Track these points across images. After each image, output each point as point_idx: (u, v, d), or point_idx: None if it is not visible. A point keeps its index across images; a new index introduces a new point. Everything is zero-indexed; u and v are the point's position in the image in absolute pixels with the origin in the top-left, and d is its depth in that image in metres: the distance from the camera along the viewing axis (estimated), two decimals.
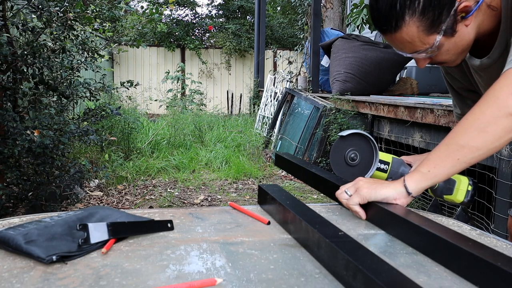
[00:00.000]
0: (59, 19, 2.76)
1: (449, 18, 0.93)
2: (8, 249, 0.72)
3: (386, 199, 0.90)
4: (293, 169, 1.26)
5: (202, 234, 0.84)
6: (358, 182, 0.94)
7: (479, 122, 0.85)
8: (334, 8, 7.94)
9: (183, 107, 7.56)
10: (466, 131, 0.87)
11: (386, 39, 1.02)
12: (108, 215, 0.86)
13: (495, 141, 0.84)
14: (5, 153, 2.57)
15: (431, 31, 0.94)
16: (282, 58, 9.65)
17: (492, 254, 0.65)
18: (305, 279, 0.65)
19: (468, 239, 0.71)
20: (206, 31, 12.04)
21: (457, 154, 0.87)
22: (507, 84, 0.84)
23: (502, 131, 0.84)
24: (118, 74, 10.57)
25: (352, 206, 0.93)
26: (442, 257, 0.72)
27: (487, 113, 0.84)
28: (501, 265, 0.60)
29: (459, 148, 0.87)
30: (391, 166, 1.13)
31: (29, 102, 2.84)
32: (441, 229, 0.76)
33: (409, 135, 3.30)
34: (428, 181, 0.91)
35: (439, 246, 0.72)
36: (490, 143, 0.85)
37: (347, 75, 4.77)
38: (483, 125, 0.84)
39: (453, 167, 0.88)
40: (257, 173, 4.65)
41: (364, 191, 0.91)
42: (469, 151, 0.86)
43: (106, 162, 4.38)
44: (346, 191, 0.95)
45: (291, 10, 12.89)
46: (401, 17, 0.94)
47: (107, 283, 0.62)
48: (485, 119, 0.84)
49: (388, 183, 0.94)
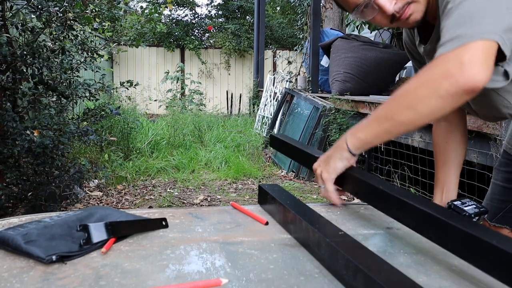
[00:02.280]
0: (59, 19, 2.76)
1: None
2: (8, 249, 0.72)
3: (340, 169, 1.00)
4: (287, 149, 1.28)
5: (201, 234, 0.84)
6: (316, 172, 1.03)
7: (410, 99, 0.89)
8: (333, 8, 7.94)
9: (182, 107, 7.56)
10: (397, 107, 0.92)
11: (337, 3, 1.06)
12: (107, 215, 0.87)
13: (422, 119, 0.89)
14: (4, 153, 2.57)
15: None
16: (282, 58, 9.66)
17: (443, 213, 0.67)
18: (304, 279, 0.65)
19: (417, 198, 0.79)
20: (205, 31, 12.03)
21: (387, 126, 0.93)
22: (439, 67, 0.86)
23: (429, 111, 0.87)
24: (117, 74, 10.56)
25: (325, 195, 1.02)
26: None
27: (418, 92, 0.88)
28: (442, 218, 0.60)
29: (390, 121, 0.93)
30: None
31: (28, 102, 2.84)
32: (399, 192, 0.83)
33: (409, 135, 3.30)
34: (365, 146, 0.99)
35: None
36: (417, 120, 0.89)
37: (347, 75, 4.77)
38: (414, 102, 0.88)
39: (384, 136, 0.95)
40: (256, 173, 4.65)
41: (325, 176, 1.00)
42: (398, 125, 0.92)
43: (106, 162, 4.38)
44: (320, 186, 1.03)
45: (291, 10, 12.89)
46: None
47: (107, 283, 0.62)
48: (416, 97, 0.88)
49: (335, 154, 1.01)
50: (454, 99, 0.85)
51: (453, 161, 1.26)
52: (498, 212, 1.29)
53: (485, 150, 2.56)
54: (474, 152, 2.64)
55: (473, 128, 2.51)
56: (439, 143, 1.29)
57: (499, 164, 1.32)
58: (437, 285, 0.64)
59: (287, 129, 5.43)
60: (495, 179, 1.33)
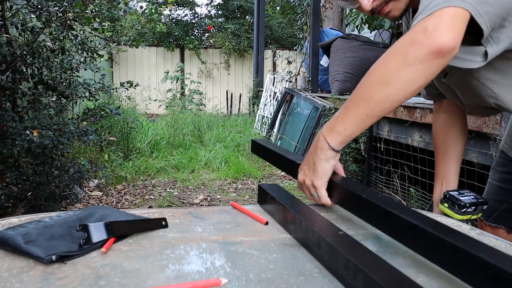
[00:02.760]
0: (58, 19, 2.76)
1: None
2: (8, 249, 0.72)
3: (329, 170, 0.93)
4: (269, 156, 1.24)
5: (201, 233, 0.84)
6: (301, 182, 0.98)
7: (381, 76, 0.86)
8: (333, 8, 7.94)
9: (182, 107, 7.56)
10: (370, 85, 0.87)
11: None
12: (107, 215, 0.86)
13: (399, 93, 0.85)
14: (4, 153, 2.56)
15: None
16: (282, 58, 9.65)
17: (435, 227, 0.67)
18: (304, 279, 0.65)
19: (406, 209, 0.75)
20: (205, 31, 12.03)
21: (365, 109, 0.88)
22: (407, 37, 0.84)
23: (403, 82, 0.84)
24: (117, 74, 10.56)
25: (318, 200, 0.96)
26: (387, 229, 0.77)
27: (388, 65, 0.85)
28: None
29: (365, 104, 0.87)
30: None
31: (28, 102, 2.84)
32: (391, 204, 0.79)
33: (409, 135, 3.30)
34: (346, 138, 0.92)
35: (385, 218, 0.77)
36: (394, 94, 0.85)
37: (346, 75, 4.77)
38: (385, 78, 0.85)
39: (364, 121, 0.89)
40: (256, 173, 4.65)
41: (318, 183, 0.94)
42: (375, 105, 0.87)
43: (106, 162, 4.38)
44: (312, 194, 0.97)
45: (291, 10, 12.89)
46: None
47: (107, 283, 0.62)
48: (387, 71, 0.85)
49: (318, 156, 0.94)
50: (424, 65, 0.82)
51: (453, 153, 1.25)
52: (494, 212, 1.28)
53: (485, 150, 2.56)
54: (474, 152, 2.64)
55: (472, 128, 2.51)
56: (439, 134, 1.28)
57: (496, 164, 1.32)
58: (436, 285, 0.64)
59: (287, 129, 5.43)
60: (491, 179, 1.32)
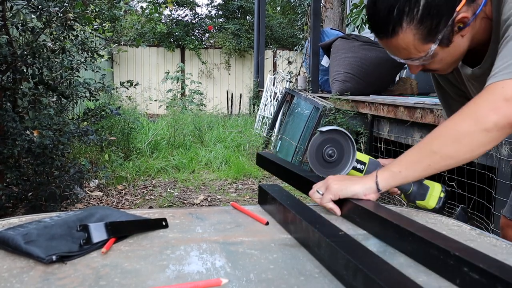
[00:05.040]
0: (59, 19, 2.76)
1: (447, 28, 0.93)
2: (8, 249, 0.72)
3: (357, 195, 0.92)
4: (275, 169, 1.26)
5: (202, 234, 0.84)
6: (328, 180, 0.96)
7: (455, 132, 0.86)
8: (333, 8, 7.94)
9: (182, 107, 7.56)
10: (441, 138, 0.88)
11: (381, 43, 1.02)
12: (108, 215, 0.87)
13: (467, 153, 0.86)
14: (4, 153, 2.57)
15: (427, 40, 0.94)
16: (282, 58, 9.66)
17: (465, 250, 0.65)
18: (305, 279, 0.65)
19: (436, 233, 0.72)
20: (205, 31, 12.03)
21: (428, 160, 0.88)
22: (488, 100, 0.84)
23: (475, 145, 0.85)
24: (117, 74, 10.57)
25: (325, 204, 0.94)
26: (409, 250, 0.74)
27: (464, 125, 0.85)
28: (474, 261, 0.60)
29: (431, 154, 0.88)
30: (367, 166, 1.13)
31: (28, 102, 2.84)
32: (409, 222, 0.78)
33: (409, 135, 3.30)
34: (398, 181, 0.92)
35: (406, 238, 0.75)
36: (462, 153, 0.86)
37: (347, 75, 4.77)
38: (459, 135, 0.85)
39: (423, 171, 0.90)
40: (256, 173, 4.65)
41: (335, 187, 0.93)
42: (441, 159, 0.87)
43: (106, 162, 4.38)
44: (317, 190, 0.96)
45: (291, 10, 12.89)
46: (399, 24, 0.93)
47: (107, 283, 0.62)
48: (462, 130, 0.85)
49: (358, 179, 0.95)
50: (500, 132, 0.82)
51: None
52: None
53: None
54: None
55: None
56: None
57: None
58: (437, 285, 0.64)
59: (287, 129, 5.43)
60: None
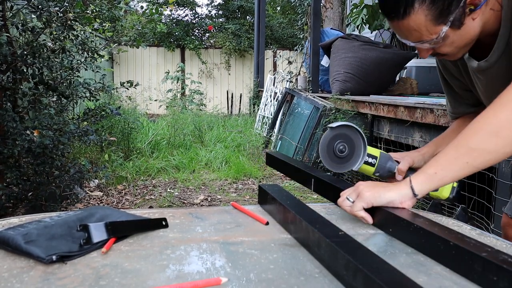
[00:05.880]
0: (59, 19, 2.76)
1: (458, 10, 0.92)
2: (8, 249, 0.72)
3: (392, 203, 0.87)
4: (286, 168, 1.26)
5: (202, 234, 0.84)
6: (359, 187, 0.91)
7: (492, 126, 0.83)
8: (334, 8, 7.94)
9: (183, 107, 7.56)
10: (477, 133, 0.84)
11: (392, 26, 1.00)
12: (108, 215, 0.87)
13: (506, 146, 0.82)
14: (5, 153, 2.57)
15: (439, 21, 0.93)
16: (282, 58, 9.65)
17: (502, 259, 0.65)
18: (305, 279, 0.65)
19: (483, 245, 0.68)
20: (206, 31, 12.03)
21: (466, 157, 0.84)
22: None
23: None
24: (118, 74, 10.57)
25: (356, 212, 0.89)
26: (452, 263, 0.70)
27: (501, 116, 0.82)
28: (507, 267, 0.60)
29: (469, 151, 0.84)
30: (379, 160, 1.12)
31: (28, 102, 2.84)
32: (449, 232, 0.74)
33: (409, 135, 3.30)
34: (435, 183, 0.87)
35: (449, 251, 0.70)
36: (501, 147, 0.82)
37: (347, 75, 4.76)
38: (496, 128, 0.82)
39: (461, 170, 0.85)
40: (257, 173, 4.65)
41: (367, 195, 0.88)
42: (479, 155, 0.83)
43: (106, 162, 4.38)
44: (348, 197, 0.91)
45: (291, 10, 12.89)
46: (411, 4, 0.92)
47: (107, 283, 0.62)
48: (499, 122, 0.82)
49: (391, 185, 0.90)
50: None
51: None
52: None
53: None
54: None
55: None
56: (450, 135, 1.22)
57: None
58: (437, 285, 0.64)
59: (287, 129, 5.43)
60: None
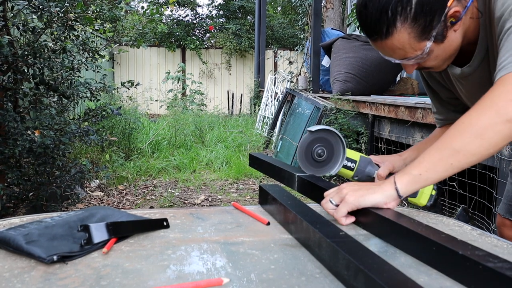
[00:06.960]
0: (60, 20, 2.76)
1: (440, 24, 0.92)
2: (9, 249, 0.72)
3: (377, 204, 0.87)
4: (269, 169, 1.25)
5: (202, 234, 0.84)
6: (343, 190, 0.89)
7: (476, 127, 0.83)
8: (334, 8, 7.94)
9: (183, 107, 7.57)
10: (462, 135, 0.84)
11: (375, 46, 0.99)
12: (109, 215, 0.87)
13: (490, 148, 0.83)
14: (5, 153, 2.57)
15: (422, 37, 0.93)
16: (283, 58, 9.65)
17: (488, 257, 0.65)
18: (305, 279, 0.65)
19: (463, 243, 0.69)
20: (206, 31, 12.04)
21: (450, 159, 0.85)
22: (505, 91, 0.83)
23: (499, 138, 0.82)
24: (118, 74, 10.58)
25: (339, 218, 0.88)
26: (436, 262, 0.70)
27: (484, 118, 0.82)
28: (495, 267, 0.60)
29: (453, 153, 0.84)
30: (358, 164, 1.11)
31: (29, 103, 2.84)
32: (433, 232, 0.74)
33: (410, 135, 3.30)
34: (419, 184, 0.88)
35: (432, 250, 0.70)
36: (485, 149, 0.83)
37: (348, 75, 4.76)
38: (480, 130, 0.82)
39: (445, 171, 0.86)
40: (257, 173, 4.65)
41: (351, 199, 0.87)
42: (464, 157, 0.84)
43: (107, 162, 4.38)
44: (331, 200, 0.90)
45: (292, 10, 12.89)
46: (393, 24, 0.92)
47: (108, 283, 0.62)
48: (482, 124, 0.82)
49: (375, 186, 0.89)
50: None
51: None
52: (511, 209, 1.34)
53: None
54: None
55: None
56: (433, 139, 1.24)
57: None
58: (438, 285, 0.64)
59: (288, 129, 5.42)
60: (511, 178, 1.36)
